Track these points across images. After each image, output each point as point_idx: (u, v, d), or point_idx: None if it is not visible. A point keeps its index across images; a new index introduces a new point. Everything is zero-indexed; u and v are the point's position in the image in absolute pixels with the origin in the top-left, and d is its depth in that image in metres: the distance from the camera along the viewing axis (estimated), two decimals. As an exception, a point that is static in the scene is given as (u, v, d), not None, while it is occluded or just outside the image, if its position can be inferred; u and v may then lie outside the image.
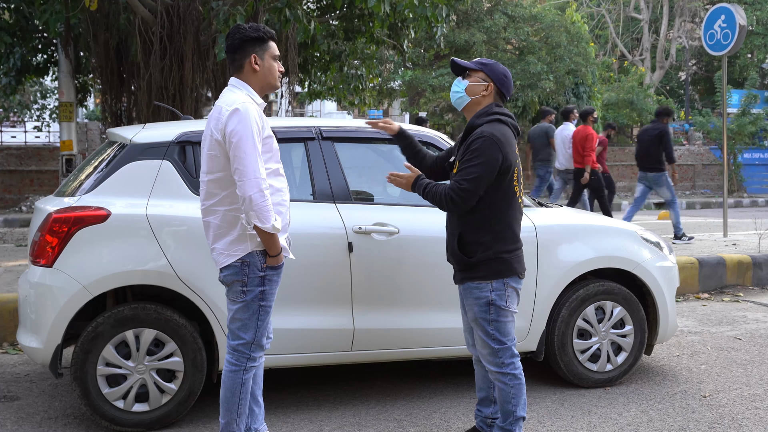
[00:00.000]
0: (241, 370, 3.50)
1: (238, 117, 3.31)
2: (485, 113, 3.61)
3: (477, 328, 3.65)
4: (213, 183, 3.44)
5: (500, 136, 3.49)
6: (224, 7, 7.84)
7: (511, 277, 3.61)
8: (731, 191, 23.72)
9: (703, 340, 6.03)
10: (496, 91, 3.66)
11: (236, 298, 3.47)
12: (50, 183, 18.35)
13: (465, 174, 3.48)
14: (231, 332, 3.53)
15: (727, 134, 12.34)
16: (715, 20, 10.48)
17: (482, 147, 3.46)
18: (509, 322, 3.63)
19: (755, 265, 8.33)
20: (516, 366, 3.64)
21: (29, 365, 5.40)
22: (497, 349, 3.61)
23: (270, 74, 3.54)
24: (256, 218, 3.28)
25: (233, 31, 3.52)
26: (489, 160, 3.45)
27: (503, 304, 3.59)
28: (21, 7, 10.51)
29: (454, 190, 3.49)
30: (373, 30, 10.14)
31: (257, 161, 3.29)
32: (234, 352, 3.51)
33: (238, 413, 3.52)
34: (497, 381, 3.66)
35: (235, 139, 3.29)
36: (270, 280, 3.48)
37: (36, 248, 4.04)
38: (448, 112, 22.90)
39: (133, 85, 9.78)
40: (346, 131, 4.69)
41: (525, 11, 19.93)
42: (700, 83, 37.41)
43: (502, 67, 3.72)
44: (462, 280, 3.67)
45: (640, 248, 4.93)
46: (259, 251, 3.44)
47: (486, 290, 3.58)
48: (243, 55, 3.48)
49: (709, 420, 4.26)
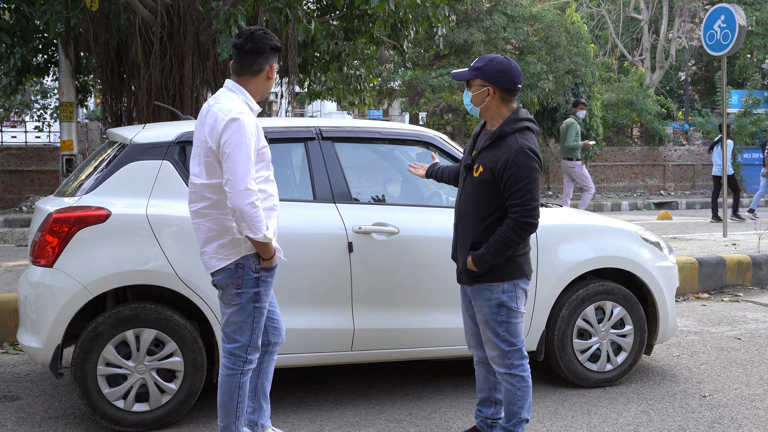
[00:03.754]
0: (238, 374, 3.49)
1: (234, 128, 3.29)
2: (513, 120, 3.58)
3: (487, 329, 3.64)
4: (207, 187, 3.42)
5: (536, 148, 3.54)
6: (225, 8, 7.83)
7: (521, 278, 3.63)
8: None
9: (703, 340, 6.04)
10: (500, 91, 3.60)
11: (231, 301, 3.46)
12: (50, 183, 18.35)
13: (524, 193, 3.47)
14: (226, 336, 3.50)
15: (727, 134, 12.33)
16: (715, 20, 10.47)
17: (527, 162, 3.47)
18: (519, 323, 3.64)
19: (755, 265, 8.34)
20: (525, 368, 3.65)
21: (29, 365, 5.40)
22: (507, 351, 3.61)
23: (271, 85, 3.62)
24: (247, 229, 3.29)
25: (262, 36, 3.46)
26: (536, 174, 3.49)
27: (514, 305, 3.60)
28: (21, 8, 10.51)
29: (527, 214, 3.47)
30: (373, 30, 10.14)
31: (249, 173, 3.27)
32: (230, 356, 3.49)
33: (237, 416, 3.51)
34: (505, 382, 3.66)
35: (228, 150, 3.28)
36: (264, 281, 3.47)
37: (36, 248, 4.05)
38: (448, 112, 22.89)
39: (133, 85, 9.78)
40: (346, 131, 4.69)
41: (524, 11, 19.90)
42: (699, 83, 37.40)
43: (497, 61, 3.61)
44: (472, 282, 3.66)
45: (640, 248, 4.93)
46: (252, 254, 3.44)
47: (497, 292, 3.59)
48: (265, 61, 3.48)
49: (708, 420, 4.26)
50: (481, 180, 3.58)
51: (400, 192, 5.27)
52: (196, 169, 3.46)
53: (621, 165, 25.16)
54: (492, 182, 3.54)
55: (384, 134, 4.77)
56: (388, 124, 4.92)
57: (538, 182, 3.51)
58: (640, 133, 27.48)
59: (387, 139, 4.84)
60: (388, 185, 5.39)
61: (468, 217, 3.66)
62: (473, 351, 3.91)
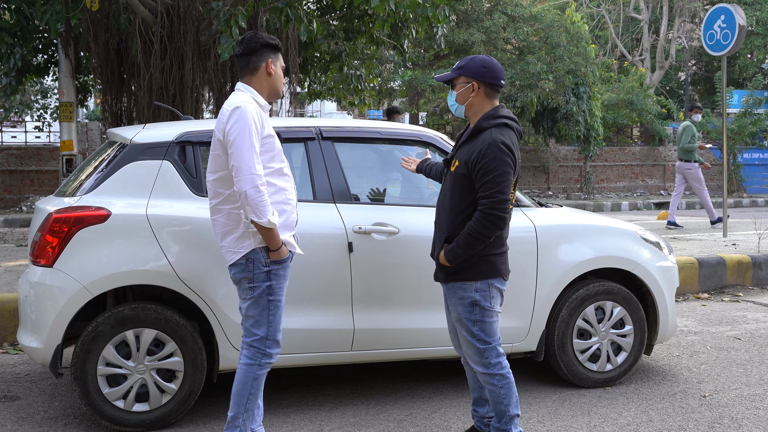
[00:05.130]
0: (255, 365, 3.57)
1: (237, 116, 3.43)
2: (492, 116, 3.59)
3: (461, 328, 3.65)
4: (217, 182, 3.56)
5: (510, 144, 3.50)
6: (225, 8, 7.83)
7: (496, 278, 3.61)
8: (731, 191, 23.73)
9: (703, 340, 6.04)
10: (484, 86, 3.61)
11: (245, 295, 3.57)
12: (50, 183, 18.36)
13: (493, 185, 3.45)
14: (245, 330, 3.60)
15: (727, 134, 12.35)
16: (715, 20, 10.47)
17: (499, 155, 3.45)
18: (494, 322, 3.63)
19: (755, 265, 8.34)
20: (503, 365, 3.64)
21: (29, 365, 5.40)
22: (482, 349, 3.61)
23: (279, 80, 3.72)
24: (252, 213, 3.37)
25: (251, 36, 3.66)
26: (507, 168, 3.46)
27: (487, 304, 3.59)
28: (22, 8, 10.51)
29: (494, 206, 3.44)
30: (373, 30, 10.13)
31: (253, 158, 3.38)
32: (250, 348, 3.58)
33: (246, 408, 3.57)
34: (486, 383, 3.66)
35: (232, 137, 3.41)
36: (276, 274, 3.54)
37: (36, 248, 4.05)
38: (448, 112, 22.88)
39: (133, 85, 9.78)
40: (346, 131, 4.69)
41: (524, 11, 19.90)
42: (700, 83, 37.39)
43: (479, 58, 3.65)
44: (446, 280, 3.67)
45: (640, 248, 4.93)
46: (262, 248, 3.52)
47: (470, 290, 3.58)
48: (260, 58, 3.63)
49: (708, 420, 4.26)
50: (457, 174, 3.59)
51: (400, 192, 5.26)
52: (209, 167, 3.61)
53: (621, 165, 25.16)
54: (466, 176, 3.54)
55: (384, 134, 4.77)
56: (388, 124, 4.92)
57: (508, 177, 3.47)
58: (640, 133, 27.49)
59: (387, 139, 4.84)
60: (388, 185, 5.39)
61: (444, 212, 3.67)
62: (458, 351, 3.93)
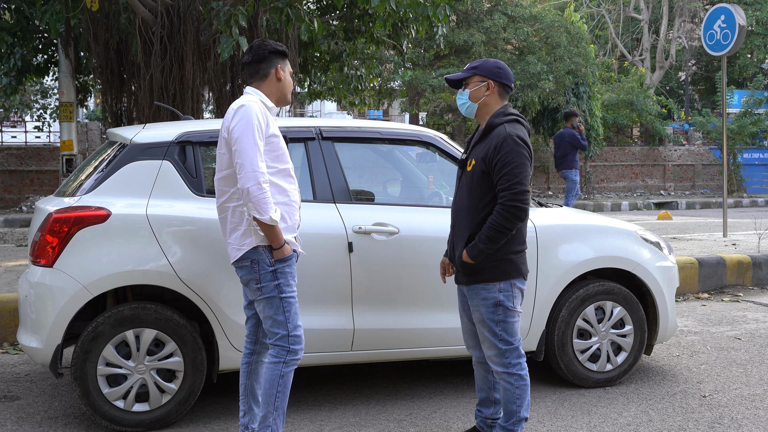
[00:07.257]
0: (280, 363, 3.58)
1: (241, 113, 3.48)
2: (502, 113, 3.65)
3: (484, 329, 3.65)
4: (223, 180, 3.60)
5: (525, 137, 3.57)
6: (225, 8, 7.83)
7: (518, 278, 3.64)
8: (731, 191, 23.73)
9: (702, 340, 6.04)
10: (497, 85, 3.68)
11: (255, 296, 3.60)
12: (50, 183, 18.37)
13: (511, 177, 3.47)
14: (267, 331, 3.62)
15: (727, 134, 12.35)
16: (715, 20, 10.47)
17: (515, 147, 3.49)
18: (516, 322, 3.65)
19: (755, 265, 8.34)
20: (522, 366, 3.65)
21: (29, 365, 5.40)
22: (505, 350, 3.62)
23: (288, 86, 3.76)
24: (254, 210, 3.40)
25: (260, 44, 3.70)
26: (524, 160, 3.51)
27: (510, 304, 3.61)
28: (22, 8, 10.52)
29: (514, 198, 3.46)
30: (373, 30, 10.13)
31: (256, 155, 3.41)
32: (274, 347, 3.61)
33: (275, 406, 3.57)
34: (503, 381, 3.66)
35: (236, 134, 3.45)
36: (282, 272, 3.56)
37: (36, 248, 4.05)
38: (448, 112, 22.90)
39: (133, 85, 9.77)
40: (346, 131, 4.69)
41: (525, 11, 19.91)
42: (700, 83, 37.40)
43: (493, 61, 3.75)
44: (468, 282, 3.67)
45: (640, 248, 4.93)
46: (265, 246, 3.53)
47: (494, 291, 3.59)
48: (270, 64, 3.68)
49: (708, 420, 4.26)
50: (475, 172, 3.62)
51: (400, 192, 5.27)
52: (217, 166, 3.66)
53: (621, 165, 25.17)
54: (485, 171, 3.57)
55: (384, 134, 4.77)
56: (388, 124, 4.92)
57: (526, 168, 3.51)
58: (640, 133, 27.50)
59: (387, 139, 4.84)
60: (388, 185, 5.39)
61: (464, 212, 3.68)
62: (471, 351, 3.92)
